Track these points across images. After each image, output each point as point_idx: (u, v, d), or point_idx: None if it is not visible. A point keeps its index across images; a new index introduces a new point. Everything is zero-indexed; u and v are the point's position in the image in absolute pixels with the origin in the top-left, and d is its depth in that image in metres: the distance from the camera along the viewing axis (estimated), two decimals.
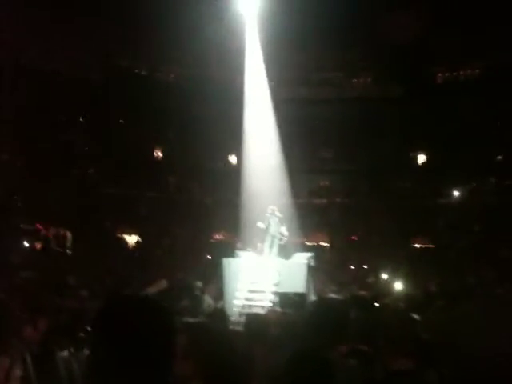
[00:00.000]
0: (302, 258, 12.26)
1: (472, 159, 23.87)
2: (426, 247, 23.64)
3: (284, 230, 12.73)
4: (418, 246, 23.92)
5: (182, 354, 2.08)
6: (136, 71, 27.59)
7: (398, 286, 12.00)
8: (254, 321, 4.37)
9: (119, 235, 23.75)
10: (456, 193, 25.41)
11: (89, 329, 5.01)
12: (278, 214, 12.78)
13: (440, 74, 27.58)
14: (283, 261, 12.28)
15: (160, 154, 28.24)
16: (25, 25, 20.62)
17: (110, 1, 22.02)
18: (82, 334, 4.98)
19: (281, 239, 12.60)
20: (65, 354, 4.77)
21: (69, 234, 20.73)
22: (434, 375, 2.45)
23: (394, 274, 14.81)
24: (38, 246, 19.60)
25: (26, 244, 18.85)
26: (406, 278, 13.09)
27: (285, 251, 12.70)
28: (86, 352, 5.01)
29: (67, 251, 20.27)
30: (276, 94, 21.42)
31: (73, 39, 23.06)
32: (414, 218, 23.43)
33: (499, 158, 25.09)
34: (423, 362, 2.42)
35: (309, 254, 12.73)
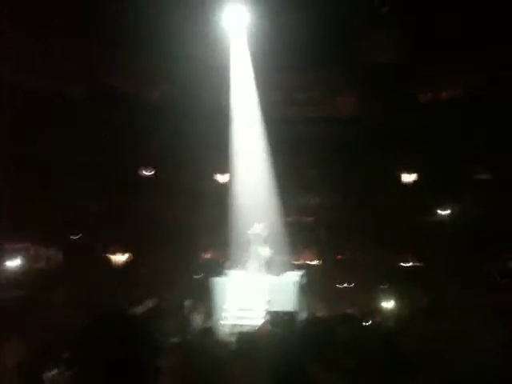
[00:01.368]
0: (293, 277, 12.26)
1: (458, 176, 24.11)
2: (413, 265, 23.70)
3: (267, 248, 12.73)
4: (404, 264, 23.97)
5: (169, 373, 2.07)
6: (120, 89, 27.55)
7: (387, 304, 12.04)
8: (243, 340, 4.36)
9: (106, 254, 23.51)
10: (444, 210, 25.58)
11: (74, 348, 4.95)
12: (264, 232, 12.80)
13: (424, 93, 27.94)
14: (273, 279, 12.26)
15: (146, 173, 28.08)
16: (5, 39, 20.56)
17: (93, 18, 22.03)
18: (67, 354, 4.93)
19: (264, 258, 12.60)
20: (51, 373, 4.71)
21: (54, 252, 20.51)
22: None
23: (383, 292, 14.85)
24: (28, 264, 19.35)
25: (15, 263, 18.60)
26: (395, 296, 13.13)
27: (271, 270, 12.69)
28: (72, 372, 4.94)
29: (54, 269, 20.02)
30: (263, 113, 21.55)
31: (54, 55, 23.01)
32: (403, 235, 23.52)
33: (486, 176, 25.34)
34: (410, 375, 2.43)
35: (299, 272, 12.74)
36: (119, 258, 23.84)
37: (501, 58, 22.91)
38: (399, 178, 27.42)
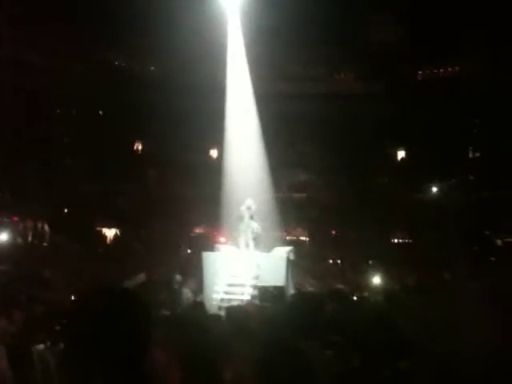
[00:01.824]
0: (282, 252, 12.30)
1: (450, 156, 24.20)
2: (403, 242, 23.93)
3: (255, 224, 12.72)
4: (395, 241, 24.20)
5: (159, 345, 2.07)
6: (116, 64, 27.25)
7: (376, 280, 12.16)
8: (232, 313, 4.38)
9: (98, 228, 23.51)
10: (434, 189, 25.74)
11: (64, 322, 4.97)
12: (253, 207, 12.78)
13: (420, 72, 27.85)
14: (263, 254, 12.31)
15: (140, 148, 28.01)
16: (6, 17, 20.26)
17: None
18: (57, 327, 4.94)
19: (252, 233, 12.61)
20: (40, 347, 4.73)
21: (47, 227, 20.47)
22: (406, 365, 2.49)
23: (372, 269, 14.98)
24: (16, 238, 19.33)
25: (3, 237, 18.55)
26: (384, 273, 13.25)
27: (260, 245, 12.71)
28: (62, 345, 4.97)
29: (45, 244, 20.01)
30: (257, 89, 21.37)
31: (52, 32, 22.72)
32: (393, 213, 23.67)
33: (476, 154, 25.48)
34: (398, 352, 2.46)
35: (288, 248, 12.78)
36: (110, 233, 23.88)
37: (501, 39, 22.82)
38: (394, 156, 27.53)
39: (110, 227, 23.93)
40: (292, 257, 12.37)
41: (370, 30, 24.37)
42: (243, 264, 11.72)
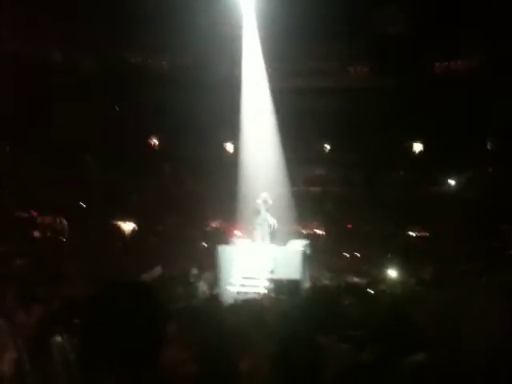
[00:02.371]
0: (298, 246, 12.31)
1: (468, 149, 23.90)
2: (419, 236, 23.75)
3: (271, 217, 12.75)
4: (412, 234, 24.03)
5: (175, 339, 2.09)
6: (130, 59, 27.35)
7: (392, 273, 12.09)
8: (248, 307, 4.39)
9: (114, 223, 23.72)
10: (451, 182, 25.48)
11: (82, 314, 5.02)
12: (269, 201, 12.80)
13: (437, 64, 27.50)
14: (278, 248, 12.33)
15: (156, 143, 28.15)
16: (12, 14, 20.42)
17: None
18: (76, 320, 4.99)
19: (269, 226, 12.64)
20: (58, 339, 4.78)
21: (65, 222, 20.70)
22: (422, 358, 2.48)
23: (388, 262, 14.89)
24: (34, 233, 19.57)
25: (22, 232, 18.79)
26: (400, 266, 13.17)
27: (276, 238, 12.73)
28: (80, 338, 5.02)
29: (63, 239, 20.24)
30: (273, 84, 21.32)
31: (63, 28, 22.86)
32: (409, 206, 23.49)
33: (495, 147, 25.12)
34: (414, 345, 2.45)
35: (304, 242, 12.79)
36: (127, 227, 24.07)
37: None
38: (409, 150, 27.27)
39: (126, 222, 24.12)
40: (308, 250, 12.38)
41: (384, 23, 24.12)
42: (259, 257, 11.75)
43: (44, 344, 4.60)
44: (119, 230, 23.62)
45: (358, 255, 20.72)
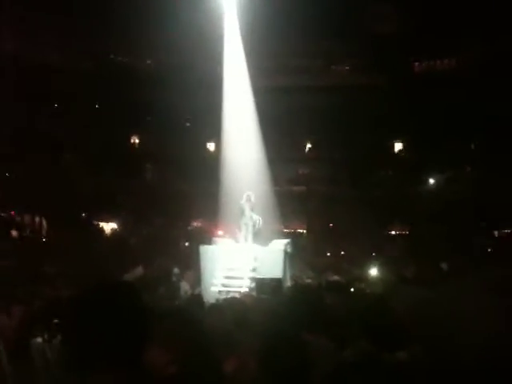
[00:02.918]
0: (280, 245, 12.34)
1: (449, 149, 24.19)
2: (401, 234, 24.00)
3: (256, 216, 12.78)
4: (393, 232, 24.27)
5: (157, 339, 2.08)
6: (113, 59, 27.13)
7: (374, 272, 12.18)
8: (230, 305, 4.39)
9: (96, 223, 23.52)
10: (432, 181, 25.78)
11: (63, 315, 4.98)
12: (252, 199, 12.82)
13: (418, 64, 27.80)
14: (260, 247, 12.35)
15: (138, 142, 27.97)
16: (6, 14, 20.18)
17: None
18: (56, 321, 4.94)
19: (254, 225, 12.66)
20: (39, 340, 4.73)
21: (44, 222, 20.46)
22: (405, 357, 2.50)
23: (370, 261, 15.01)
24: (13, 233, 19.31)
25: (1, 232, 18.52)
26: (382, 265, 13.27)
27: (260, 237, 12.76)
28: (60, 339, 4.97)
29: (43, 239, 20.01)
30: (255, 82, 21.31)
31: (49, 28, 22.64)
32: (391, 205, 23.71)
33: (475, 147, 25.48)
34: (396, 344, 2.47)
35: (286, 241, 12.82)
36: (108, 227, 23.89)
37: (500, 29, 22.77)
38: (393, 148, 27.52)
39: (107, 222, 23.93)
40: (290, 249, 12.41)
41: (369, 21, 24.26)
42: (241, 257, 11.76)
43: (25, 345, 4.54)
44: (101, 230, 23.43)
45: (339, 254, 20.85)
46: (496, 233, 22.56)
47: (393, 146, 27.49)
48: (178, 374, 2.03)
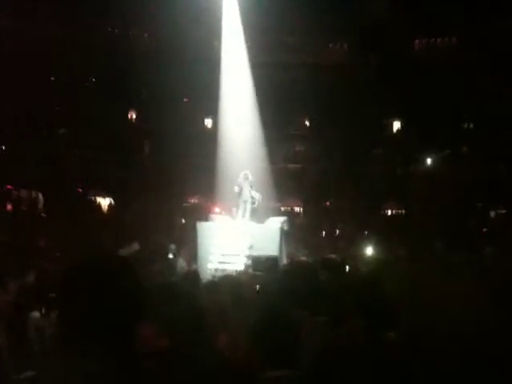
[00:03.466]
0: (276, 222, 12.37)
1: (445, 128, 24.17)
2: (397, 213, 24.10)
3: (256, 193, 12.78)
4: (389, 212, 24.37)
5: (152, 315, 2.09)
6: (109, 32, 26.75)
7: (369, 250, 12.26)
8: (225, 282, 4.42)
9: (92, 198, 23.50)
10: (428, 161, 25.80)
11: (59, 289, 4.99)
12: (250, 177, 12.80)
13: (417, 42, 27.57)
14: (257, 224, 12.38)
15: (134, 117, 27.78)
16: None
17: None
18: (52, 295, 4.97)
19: (253, 203, 12.66)
20: (35, 314, 4.77)
21: (41, 196, 20.42)
22: (393, 335, 2.53)
23: (365, 239, 15.10)
24: (9, 207, 19.27)
25: None
26: (377, 243, 13.35)
27: (258, 215, 12.78)
28: (56, 312, 5.01)
29: (39, 213, 19.99)
30: (252, 58, 21.12)
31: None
32: (387, 184, 23.77)
33: (472, 127, 25.46)
34: (385, 322, 2.50)
35: (282, 219, 12.86)
36: (105, 202, 23.89)
37: (494, 10, 22.56)
38: (388, 127, 27.46)
39: (104, 197, 23.92)
40: (286, 227, 12.45)
41: (367, 1, 24.03)
42: (237, 234, 11.79)
43: (21, 319, 4.57)
44: (97, 205, 23.43)
45: (335, 232, 20.95)
46: (492, 213, 22.66)
47: (390, 125, 27.44)
48: (172, 350, 2.05)
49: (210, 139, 20.76)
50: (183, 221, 20.33)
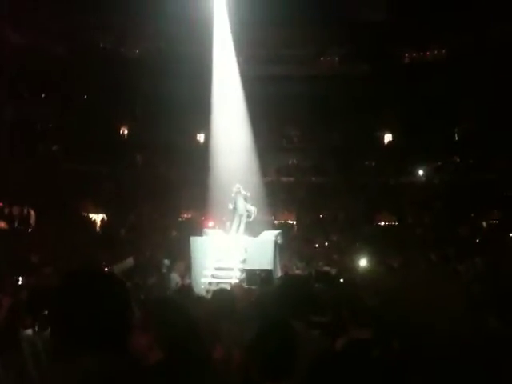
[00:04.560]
0: (270, 236, 12.36)
1: (436, 138, 24.33)
2: (390, 225, 24.12)
3: (250, 206, 12.78)
4: (382, 223, 24.38)
5: (143, 327, 2.09)
6: (101, 45, 26.85)
7: (363, 262, 12.26)
8: (219, 295, 4.41)
9: (84, 213, 23.38)
10: (420, 171, 25.91)
11: (51, 306, 4.96)
12: (243, 191, 12.79)
13: (407, 54, 27.86)
14: (250, 238, 12.36)
15: (126, 131, 27.77)
16: None
17: None
18: (45, 312, 4.93)
19: (248, 216, 12.65)
20: (28, 332, 4.73)
21: (32, 213, 20.29)
22: (390, 343, 2.54)
23: (359, 251, 15.10)
24: (1, 224, 19.14)
25: None
26: (371, 255, 13.36)
27: (252, 228, 12.77)
28: (49, 329, 4.97)
29: (31, 230, 19.85)
30: (244, 71, 21.24)
31: (36, 11, 22.28)
32: (379, 196, 23.82)
33: (463, 137, 25.63)
34: (380, 332, 2.50)
35: (276, 232, 12.84)
36: (97, 218, 23.75)
37: (486, 18, 22.87)
38: (381, 138, 27.61)
39: (96, 212, 23.80)
40: (280, 240, 12.44)
41: (357, 10, 24.24)
42: (231, 248, 11.77)
43: (13, 336, 4.53)
44: (90, 221, 23.31)
45: (329, 244, 20.94)
46: (484, 224, 22.74)
47: (382, 136, 27.58)
48: (166, 362, 2.05)
49: (203, 153, 20.77)
50: (177, 235, 20.27)
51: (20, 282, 8.87)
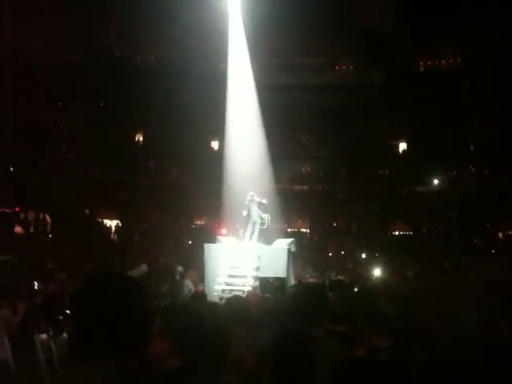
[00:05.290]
0: (283, 244, 12.33)
1: (451, 148, 24.13)
2: (404, 234, 23.92)
3: (264, 214, 12.77)
4: (396, 232, 24.20)
5: (160, 333, 2.10)
6: (117, 53, 27.17)
7: (377, 271, 12.19)
8: (233, 303, 4.40)
9: (99, 220, 23.54)
10: (435, 181, 25.69)
11: (66, 311, 5.01)
12: (257, 199, 12.79)
13: (422, 63, 27.78)
14: (264, 246, 12.35)
15: (141, 139, 27.99)
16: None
17: None
18: (60, 317, 4.97)
19: (262, 223, 12.64)
20: (44, 336, 4.76)
21: (48, 218, 20.49)
22: (408, 353, 2.51)
23: (373, 260, 15.00)
24: (18, 229, 19.34)
25: (4, 228, 18.54)
26: (385, 264, 13.27)
27: (266, 236, 12.75)
28: (65, 334, 5.01)
29: (47, 235, 20.04)
30: (258, 79, 21.32)
31: (51, 20, 22.61)
32: (393, 205, 23.66)
33: (478, 147, 25.39)
34: (399, 340, 2.49)
35: (289, 240, 12.82)
36: (112, 224, 23.90)
37: (502, 26, 22.72)
38: (395, 147, 27.49)
39: (111, 218, 23.95)
40: (293, 249, 12.42)
41: (370, 19, 24.26)
42: (245, 255, 11.76)
43: (29, 341, 4.57)
44: (104, 227, 23.46)
45: (342, 253, 20.82)
46: (500, 234, 22.45)
47: (396, 144, 27.45)
48: (180, 370, 2.06)
49: (217, 160, 20.84)
50: (190, 242, 20.31)
51: (35, 287, 8.94)
